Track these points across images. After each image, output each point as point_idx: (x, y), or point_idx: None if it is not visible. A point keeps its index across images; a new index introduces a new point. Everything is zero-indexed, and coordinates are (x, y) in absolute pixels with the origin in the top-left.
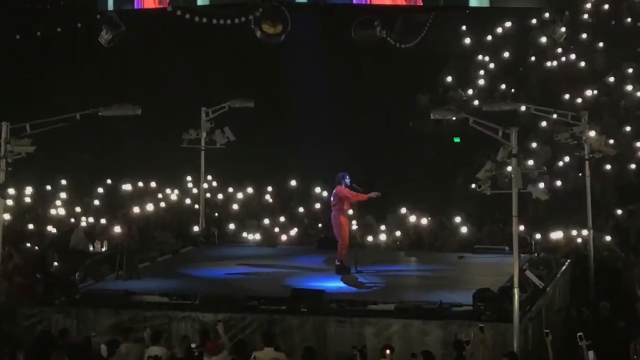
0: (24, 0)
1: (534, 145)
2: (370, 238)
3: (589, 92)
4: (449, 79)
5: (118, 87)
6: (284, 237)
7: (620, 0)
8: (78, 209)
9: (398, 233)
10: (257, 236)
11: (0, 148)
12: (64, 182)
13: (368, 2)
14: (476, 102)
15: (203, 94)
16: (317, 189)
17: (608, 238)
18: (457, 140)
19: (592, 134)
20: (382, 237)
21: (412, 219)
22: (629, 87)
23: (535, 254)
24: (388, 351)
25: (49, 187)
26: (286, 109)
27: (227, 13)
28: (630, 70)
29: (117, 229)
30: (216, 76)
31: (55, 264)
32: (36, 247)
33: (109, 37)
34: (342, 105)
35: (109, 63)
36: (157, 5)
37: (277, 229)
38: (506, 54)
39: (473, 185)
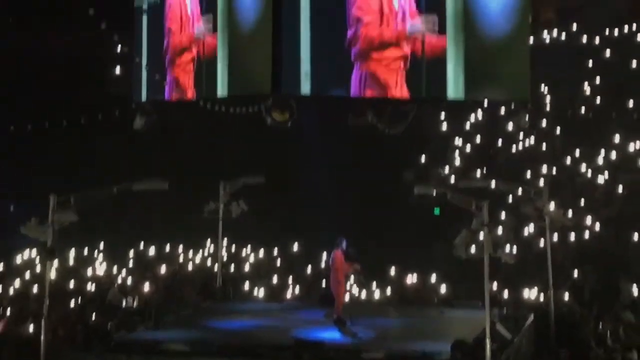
0: (72, 90)
1: (503, 216)
2: (363, 294)
3: (548, 171)
4: (430, 159)
5: (149, 165)
6: (289, 294)
7: (574, 94)
8: (114, 269)
9: (388, 290)
10: (267, 293)
11: (47, 218)
12: (102, 245)
13: (362, 94)
14: (453, 179)
15: (222, 171)
16: (319, 252)
17: (566, 296)
18: (437, 211)
19: (552, 207)
20: (374, 293)
21: (400, 277)
22: (582, 167)
23: (505, 309)
24: None
25: (88, 250)
26: (293, 183)
27: (242, 103)
28: (581, 153)
29: (147, 287)
30: (233, 155)
31: (94, 316)
32: (77, 303)
33: (142, 124)
34: (341, 179)
35: (142, 144)
36: (184, 97)
37: (284, 287)
38: (478, 138)
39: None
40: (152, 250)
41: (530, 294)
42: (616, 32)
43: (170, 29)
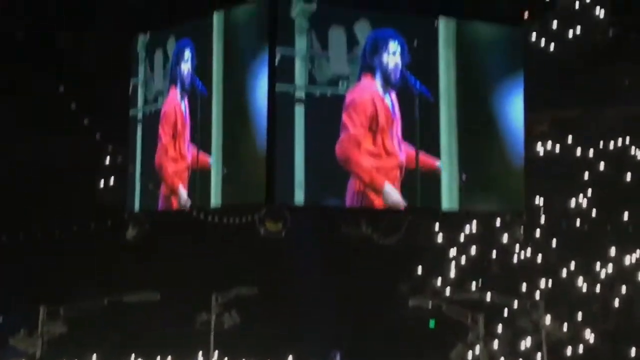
0: (65, 199)
1: (499, 329)
2: None
3: (544, 284)
4: (425, 271)
5: (140, 276)
6: None
7: (567, 208)
8: None
9: None
10: None
11: (37, 329)
12: (92, 357)
13: (359, 204)
14: (448, 292)
15: (214, 281)
16: None
17: None
18: (432, 324)
19: (548, 320)
20: None
21: None
22: (579, 280)
23: None
24: None
25: None
26: (286, 293)
27: (235, 213)
28: (577, 266)
29: None
30: (225, 266)
31: None
32: None
33: (134, 234)
34: (334, 289)
35: (133, 254)
36: (178, 207)
37: None
38: (473, 250)
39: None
40: None
41: None
42: (611, 145)
43: (164, 139)
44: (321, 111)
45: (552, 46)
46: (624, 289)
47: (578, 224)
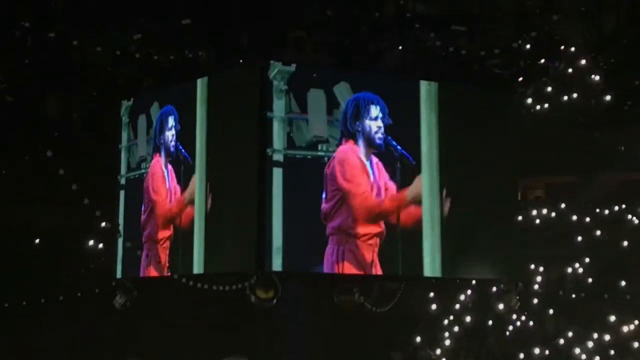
0: (51, 267)
1: None
2: None
3: (541, 352)
4: (418, 339)
5: (128, 344)
6: None
7: (563, 275)
8: None
9: None
10: None
11: None
12: None
13: (337, 271)
14: None
15: (204, 350)
16: None
17: None
18: None
19: None
20: None
21: None
22: (577, 350)
23: None
24: None
25: None
26: None
27: (223, 281)
28: (573, 334)
29: None
30: (217, 335)
31: None
32: None
33: (122, 301)
34: (326, 357)
35: (121, 321)
36: (158, 274)
37: None
38: (468, 319)
39: None
40: None
41: None
42: (606, 211)
43: (146, 205)
44: (300, 174)
45: (546, 110)
46: (621, 357)
47: (574, 291)
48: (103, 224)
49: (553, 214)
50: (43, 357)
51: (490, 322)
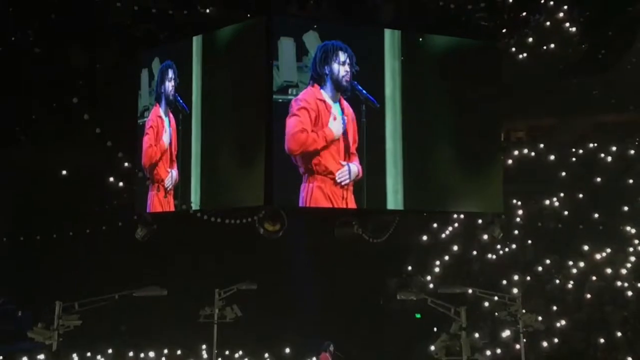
0: (80, 202)
1: (480, 321)
2: None
3: (521, 279)
4: (410, 267)
5: (149, 272)
6: None
7: (542, 208)
8: None
9: None
10: None
11: (54, 323)
12: (104, 349)
13: (306, 204)
14: (432, 286)
15: (218, 278)
16: (308, 355)
17: None
18: (418, 316)
19: (525, 312)
20: None
21: None
22: (553, 275)
23: None
24: None
25: (89, 354)
26: (284, 288)
27: (234, 215)
28: (551, 262)
29: None
30: (228, 263)
31: None
32: None
33: (143, 234)
34: (327, 286)
35: (143, 252)
36: (163, 209)
37: None
38: (455, 248)
39: (432, 348)
40: (151, 354)
41: None
42: (581, 150)
43: (149, 145)
44: (271, 116)
45: (527, 59)
46: (594, 282)
47: (551, 225)
48: (125, 164)
49: (533, 154)
50: (71, 284)
51: (475, 252)
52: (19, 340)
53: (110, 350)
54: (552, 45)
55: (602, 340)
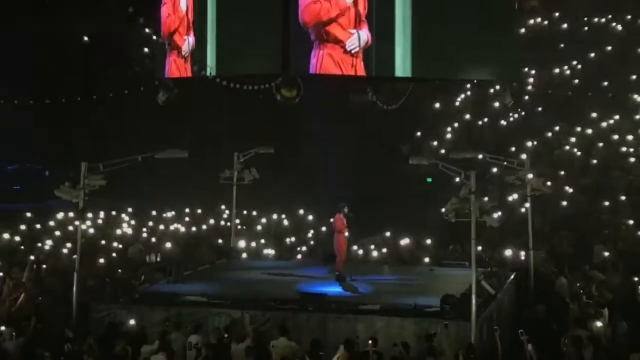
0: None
1: (489, 185)
2: (361, 252)
3: (530, 145)
4: (424, 133)
5: (171, 136)
6: (297, 254)
7: (553, 77)
8: (139, 229)
9: (384, 250)
10: (276, 252)
11: (80, 182)
12: (127, 207)
13: (316, 71)
14: (443, 151)
15: (236, 141)
16: (323, 216)
17: (544, 256)
18: (429, 180)
19: (532, 176)
20: (373, 253)
21: (395, 239)
22: (561, 141)
23: (489, 268)
24: (370, 342)
25: (115, 212)
26: (300, 153)
27: (253, 81)
28: (560, 129)
29: (168, 245)
30: (247, 128)
31: (120, 270)
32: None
33: (165, 98)
34: (342, 151)
35: (164, 117)
36: (181, 74)
37: (291, 247)
38: (467, 115)
39: (442, 210)
40: (172, 213)
41: (512, 254)
42: (595, 19)
43: (167, 15)
44: None
45: None
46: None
47: (562, 91)
48: (146, 30)
49: (546, 22)
50: (96, 146)
51: (486, 119)
52: (48, 199)
53: (133, 209)
54: None
55: (606, 203)
